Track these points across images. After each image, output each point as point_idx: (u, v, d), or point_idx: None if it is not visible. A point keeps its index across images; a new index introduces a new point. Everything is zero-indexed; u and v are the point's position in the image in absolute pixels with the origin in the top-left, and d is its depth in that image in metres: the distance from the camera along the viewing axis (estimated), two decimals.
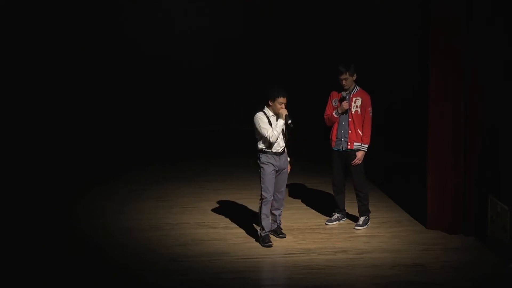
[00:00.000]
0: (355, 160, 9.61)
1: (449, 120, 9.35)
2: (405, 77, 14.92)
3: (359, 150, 9.61)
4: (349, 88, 9.58)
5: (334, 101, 9.68)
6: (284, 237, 9.43)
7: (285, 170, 9.28)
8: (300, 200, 11.12)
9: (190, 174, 12.77)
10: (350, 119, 9.58)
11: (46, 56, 15.35)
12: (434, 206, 9.59)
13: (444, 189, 9.48)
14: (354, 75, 9.55)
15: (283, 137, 9.18)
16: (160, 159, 13.92)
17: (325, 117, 9.76)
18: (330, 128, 9.76)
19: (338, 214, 10.04)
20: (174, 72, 16.04)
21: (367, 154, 9.67)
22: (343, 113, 9.58)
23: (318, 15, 15.68)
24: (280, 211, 9.45)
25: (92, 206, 10.90)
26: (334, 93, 9.71)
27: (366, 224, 9.87)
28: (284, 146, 9.21)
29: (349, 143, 9.60)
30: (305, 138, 13.30)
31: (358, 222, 9.86)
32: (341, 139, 9.64)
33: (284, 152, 9.23)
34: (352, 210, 10.16)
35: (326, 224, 9.98)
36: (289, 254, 8.93)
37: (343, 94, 9.57)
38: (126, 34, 15.84)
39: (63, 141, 14.64)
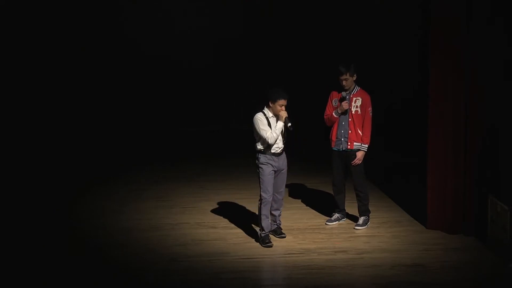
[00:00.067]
0: (355, 160, 9.60)
1: (449, 120, 9.35)
2: (405, 77, 14.91)
3: (359, 150, 9.60)
4: (349, 88, 9.58)
5: (334, 101, 9.67)
6: (284, 237, 9.43)
7: (284, 171, 9.28)
8: (300, 200, 11.11)
9: (190, 174, 12.76)
10: (350, 119, 9.57)
11: (46, 56, 15.34)
12: (434, 206, 9.59)
13: (444, 189, 9.48)
14: (354, 75, 9.55)
15: (282, 138, 9.18)
16: (160, 159, 13.91)
17: (325, 117, 9.76)
18: (330, 128, 9.76)
19: (338, 214, 10.04)
20: (174, 72, 16.03)
21: (367, 154, 9.67)
22: (343, 113, 9.58)
23: (318, 15, 15.68)
24: (279, 211, 9.45)
25: (92, 206, 10.90)
26: (334, 93, 9.70)
27: (366, 224, 9.87)
28: (283, 147, 9.21)
29: (349, 143, 9.60)
30: (305, 138, 13.29)
31: (358, 222, 9.86)
32: (341, 139, 9.64)
33: (282, 152, 9.23)
34: (352, 210, 10.16)
35: (326, 224, 9.98)
36: (289, 254, 8.93)
37: (343, 94, 9.57)
38: (126, 34, 15.84)
39: (63, 141, 14.64)
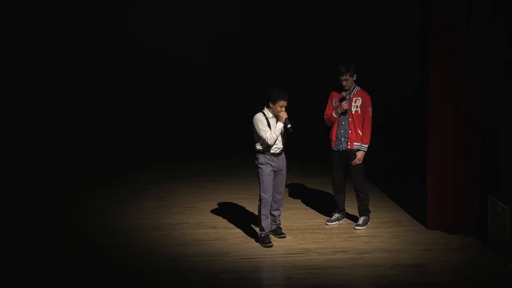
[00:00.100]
0: (355, 160, 9.60)
1: (449, 120, 9.35)
2: (405, 77, 14.90)
3: (359, 150, 9.60)
4: (349, 88, 9.58)
5: (334, 101, 9.67)
6: (284, 237, 9.42)
7: (283, 171, 9.27)
8: (300, 200, 11.11)
9: (190, 174, 12.76)
10: (350, 119, 9.57)
11: (46, 56, 15.34)
12: (434, 206, 9.59)
13: (444, 189, 9.48)
14: (354, 76, 9.54)
15: (282, 138, 9.17)
16: (160, 159, 13.91)
17: (325, 117, 9.76)
18: (330, 128, 9.76)
19: (338, 214, 10.04)
20: (174, 72, 16.03)
21: (367, 154, 9.67)
22: (343, 113, 9.58)
23: (318, 15, 15.67)
24: (279, 212, 9.45)
25: (92, 206, 10.90)
26: (334, 93, 9.70)
27: (366, 224, 9.86)
28: (282, 148, 9.20)
29: (349, 143, 9.60)
30: (305, 138, 13.29)
31: (358, 222, 9.86)
32: (341, 139, 9.64)
33: (282, 153, 9.23)
34: (352, 210, 10.16)
35: (326, 224, 9.98)
36: (289, 254, 8.93)
37: (343, 94, 9.56)
38: (126, 34, 15.84)
39: (63, 141, 14.64)
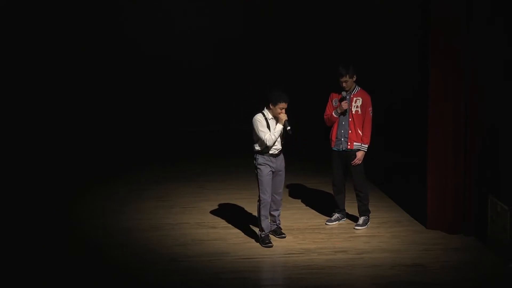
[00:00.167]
0: (355, 160, 9.60)
1: (449, 120, 9.35)
2: (405, 77, 14.91)
3: (359, 150, 9.60)
4: (349, 89, 9.58)
5: (334, 101, 9.67)
6: (284, 237, 9.42)
7: (281, 172, 9.27)
8: (300, 200, 11.11)
9: (190, 174, 12.76)
10: (350, 119, 9.57)
11: (46, 56, 15.34)
12: (434, 206, 9.59)
13: (444, 189, 9.48)
14: (354, 76, 9.54)
15: (281, 139, 9.15)
16: (160, 159, 13.91)
17: (325, 117, 9.76)
18: (330, 128, 9.76)
19: (338, 214, 10.04)
20: (174, 72, 16.03)
21: (367, 154, 9.67)
22: (343, 113, 9.58)
23: (318, 15, 15.67)
24: (278, 212, 9.44)
25: (92, 206, 10.90)
26: (333, 94, 9.70)
27: (366, 224, 9.86)
28: (280, 149, 9.19)
29: (349, 143, 9.60)
30: (305, 138, 13.29)
31: (358, 222, 9.86)
32: (341, 139, 9.64)
33: (280, 154, 9.22)
34: (352, 210, 10.16)
35: (326, 224, 9.98)
36: (289, 254, 8.93)
37: (343, 94, 9.56)
38: (126, 34, 15.83)
39: (63, 141, 14.64)
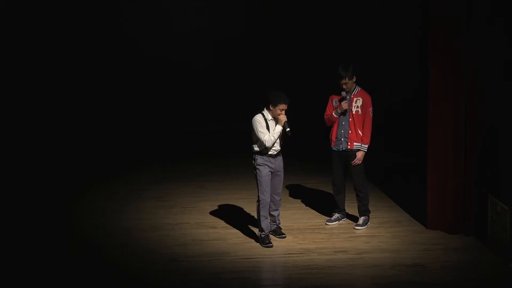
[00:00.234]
0: (355, 160, 9.60)
1: (449, 120, 9.35)
2: (405, 77, 14.91)
3: (359, 150, 9.60)
4: (349, 89, 9.58)
5: (334, 101, 9.67)
6: (284, 237, 9.42)
7: (280, 172, 9.26)
8: (300, 200, 11.11)
9: (190, 174, 12.76)
10: (350, 119, 9.57)
11: (46, 56, 15.34)
12: (434, 206, 9.59)
13: (444, 189, 9.48)
14: (354, 77, 9.54)
15: (279, 140, 9.14)
16: (160, 159, 13.91)
17: (325, 117, 9.76)
18: (330, 128, 9.76)
19: (338, 214, 10.04)
20: (174, 72, 16.03)
21: (367, 154, 9.67)
22: (343, 113, 9.58)
23: (318, 15, 15.67)
24: (278, 212, 9.44)
25: (92, 206, 10.90)
26: (333, 96, 9.71)
27: (366, 224, 9.86)
28: (279, 149, 9.19)
29: (349, 143, 9.60)
30: (305, 138, 13.29)
31: (358, 222, 9.86)
32: (341, 139, 9.64)
33: (279, 154, 9.21)
34: (352, 210, 10.16)
35: (326, 224, 9.98)
36: (289, 254, 8.93)
37: (343, 94, 9.56)
38: (126, 34, 15.83)
39: (63, 141, 14.64)
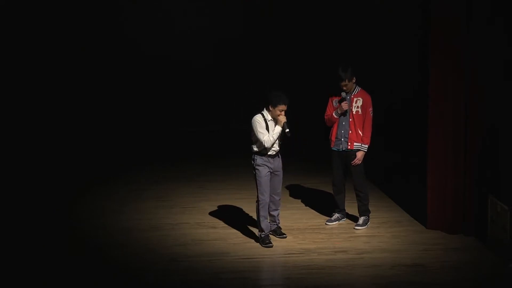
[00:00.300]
0: (355, 160, 9.60)
1: (449, 120, 9.35)
2: (405, 77, 14.89)
3: (359, 150, 9.60)
4: (349, 90, 9.58)
5: (334, 101, 9.68)
6: (285, 237, 9.42)
7: (279, 172, 9.26)
8: (300, 200, 11.11)
9: (190, 174, 12.76)
10: (350, 119, 9.57)
11: (46, 56, 15.33)
12: (434, 206, 9.59)
13: (444, 189, 9.48)
14: (354, 78, 9.54)
15: (278, 141, 9.14)
16: (160, 159, 13.91)
17: (325, 117, 9.76)
18: (329, 128, 9.76)
19: (338, 214, 10.04)
20: (174, 72, 16.03)
21: (367, 154, 9.67)
22: (343, 113, 9.58)
23: (318, 15, 15.67)
24: (278, 211, 9.44)
25: (92, 206, 10.90)
26: (333, 97, 9.71)
27: (366, 224, 9.86)
28: (278, 150, 9.18)
29: (349, 143, 9.60)
30: (305, 138, 13.29)
31: (358, 222, 9.86)
32: (341, 139, 9.64)
33: (278, 154, 9.21)
34: (352, 210, 10.16)
35: (326, 224, 9.98)
36: (289, 254, 8.93)
37: (343, 94, 9.56)
38: (126, 34, 15.83)
39: (63, 141, 14.63)
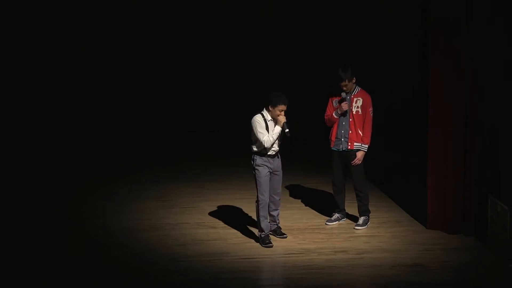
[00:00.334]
0: (355, 160, 9.60)
1: (449, 120, 9.35)
2: (405, 77, 14.90)
3: (359, 150, 9.61)
4: (350, 90, 9.58)
5: (334, 101, 9.68)
6: (285, 237, 9.41)
7: (278, 172, 9.26)
8: (300, 200, 11.11)
9: (190, 174, 12.76)
10: (351, 119, 9.57)
11: (46, 56, 15.34)
12: (434, 206, 9.59)
13: (444, 189, 9.48)
14: (353, 78, 9.54)
15: (278, 141, 9.14)
16: (160, 159, 13.91)
17: (325, 117, 9.76)
18: (329, 128, 9.76)
19: (338, 214, 10.04)
20: (174, 72, 16.03)
21: (367, 154, 9.67)
22: (343, 114, 9.58)
23: (318, 15, 15.67)
24: (278, 211, 9.44)
25: (92, 206, 10.90)
26: (333, 98, 9.71)
27: (366, 224, 9.87)
28: (277, 150, 9.18)
29: (349, 143, 9.60)
30: (305, 138, 13.29)
31: (358, 222, 9.86)
32: (341, 139, 9.64)
33: (277, 155, 9.21)
34: (352, 210, 10.16)
35: (326, 224, 9.98)
36: (289, 254, 8.93)
37: (343, 95, 9.56)
38: (126, 34, 15.83)
39: (63, 141, 14.63)
